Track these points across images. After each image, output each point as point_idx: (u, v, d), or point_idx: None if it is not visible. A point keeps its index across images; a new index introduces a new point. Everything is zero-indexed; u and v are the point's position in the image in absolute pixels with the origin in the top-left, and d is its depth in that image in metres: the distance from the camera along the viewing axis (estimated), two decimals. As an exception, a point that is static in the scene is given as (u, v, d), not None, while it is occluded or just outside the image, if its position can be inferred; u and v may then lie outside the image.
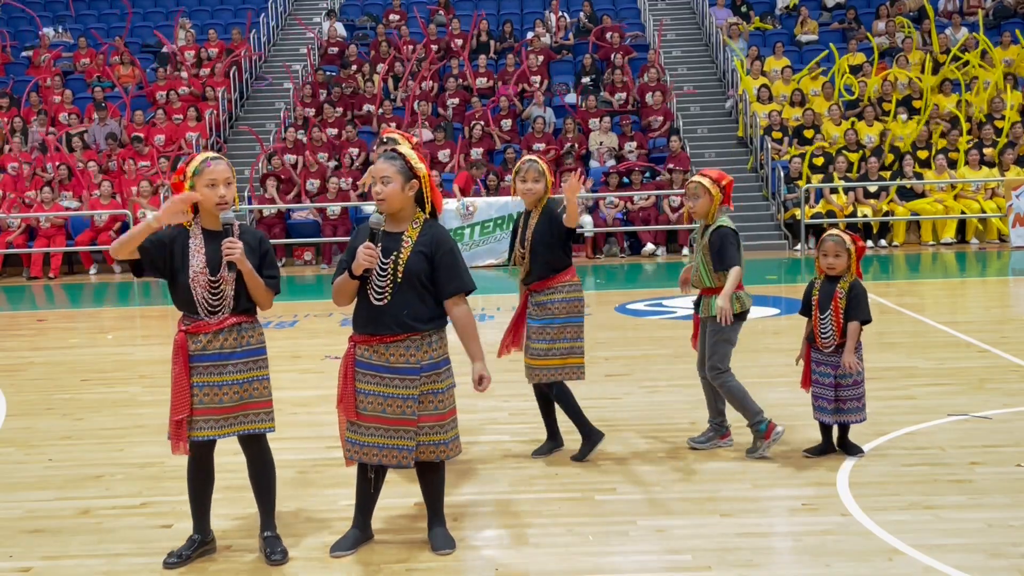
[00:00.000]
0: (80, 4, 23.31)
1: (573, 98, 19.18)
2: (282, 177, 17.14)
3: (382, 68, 19.63)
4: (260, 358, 4.33)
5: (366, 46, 21.03)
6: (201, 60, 20.34)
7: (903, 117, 17.68)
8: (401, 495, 5.11)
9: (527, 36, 20.76)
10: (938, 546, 4.31)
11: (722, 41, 20.30)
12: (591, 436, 5.70)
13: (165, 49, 20.79)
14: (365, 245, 4.17)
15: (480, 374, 4.29)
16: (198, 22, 22.10)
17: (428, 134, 17.88)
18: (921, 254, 15.69)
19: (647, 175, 17.21)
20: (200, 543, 4.42)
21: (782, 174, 16.67)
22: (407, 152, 4.31)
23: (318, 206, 16.79)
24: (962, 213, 16.48)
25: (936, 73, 18.61)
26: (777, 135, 17.61)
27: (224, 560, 4.41)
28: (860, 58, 19.39)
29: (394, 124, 17.96)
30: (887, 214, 16.50)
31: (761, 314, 10.35)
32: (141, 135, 18.17)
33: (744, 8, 21.60)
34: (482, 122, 18.13)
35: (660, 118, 18.26)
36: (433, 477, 4.46)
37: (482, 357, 4.31)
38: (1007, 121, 17.45)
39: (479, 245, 15.93)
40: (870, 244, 16.20)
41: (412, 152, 4.32)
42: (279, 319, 10.74)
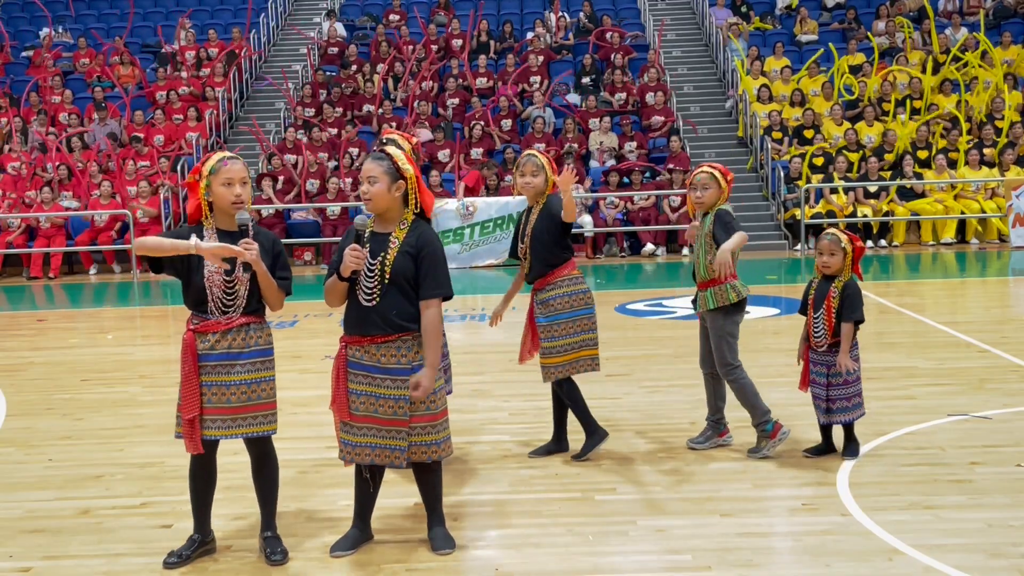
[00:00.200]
0: (80, 4, 23.31)
1: (575, 98, 19.17)
2: (280, 177, 17.15)
3: (382, 68, 19.62)
4: (268, 359, 4.33)
5: (366, 46, 21.03)
6: (201, 60, 20.34)
7: (903, 117, 17.68)
8: (400, 495, 5.11)
9: (527, 36, 20.76)
10: (938, 546, 4.31)
11: (722, 41, 20.30)
12: (595, 434, 5.69)
13: (165, 49, 20.79)
14: (351, 247, 4.20)
15: (418, 380, 4.18)
16: (198, 22, 22.09)
17: (428, 134, 17.89)
18: (921, 254, 15.69)
19: (647, 175, 17.21)
20: (200, 543, 4.42)
21: (782, 174, 16.67)
22: (395, 153, 4.31)
23: (318, 206, 16.79)
24: (962, 213, 16.48)
25: (936, 73, 18.61)
26: (777, 135, 17.61)
27: (224, 560, 4.42)
28: (860, 58, 19.39)
29: (394, 124, 17.97)
30: (887, 214, 16.49)
31: (761, 314, 10.35)
32: (141, 135, 18.17)
33: (744, 8, 21.60)
34: (482, 122, 18.13)
35: (661, 118, 18.26)
36: (429, 477, 4.46)
37: (434, 367, 4.22)
38: (1007, 121, 17.44)
39: (479, 245, 15.91)
40: (870, 244, 16.20)
41: (401, 153, 4.32)
42: (279, 319, 10.73)
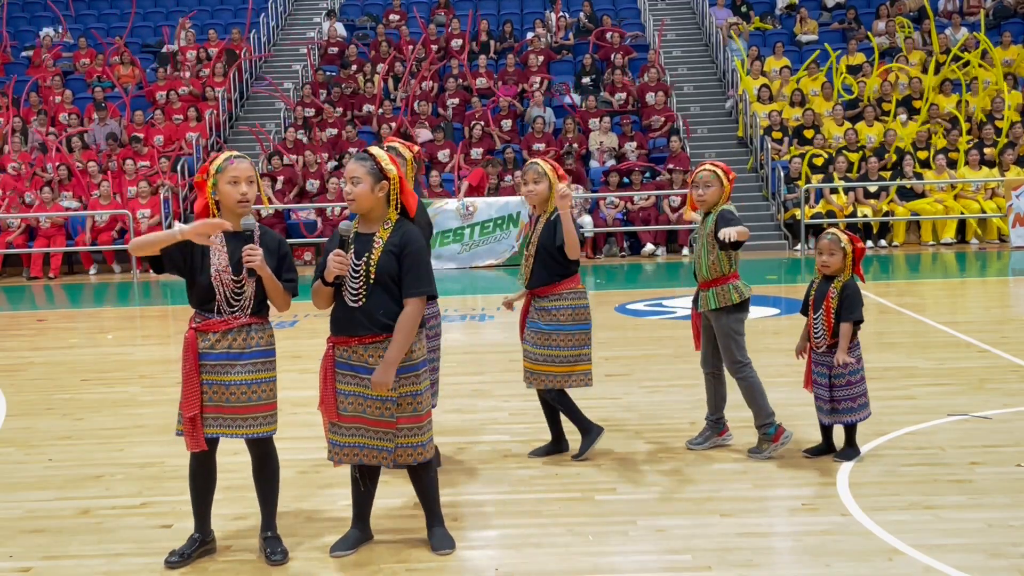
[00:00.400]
0: (80, 4, 23.31)
1: (576, 98, 19.17)
2: (280, 177, 17.14)
3: (382, 68, 19.62)
4: (269, 360, 4.33)
5: (366, 46, 21.03)
6: (201, 60, 20.34)
7: (903, 117, 17.68)
8: (400, 495, 5.11)
9: (527, 36, 20.76)
10: (938, 546, 4.31)
11: (722, 41, 20.30)
12: (590, 431, 5.70)
13: (165, 49, 20.78)
14: (335, 252, 4.23)
15: (376, 378, 4.17)
16: (198, 22, 22.09)
17: (428, 134, 17.88)
18: (921, 254, 15.68)
19: (647, 175, 17.21)
20: (201, 542, 4.43)
21: (782, 174, 16.66)
22: (378, 153, 4.32)
23: (318, 206, 16.79)
24: (962, 213, 16.48)
25: (936, 73, 18.61)
26: (777, 135, 17.61)
27: (224, 560, 4.42)
28: (860, 58, 19.39)
29: (394, 124, 17.97)
30: (887, 214, 16.49)
31: (761, 314, 10.35)
32: (141, 135, 18.17)
33: (744, 8, 21.60)
34: (482, 122, 18.13)
35: (661, 118, 18.26)
36: (423, 479, 4.46)
37: (391, 363, 4.18)
38: (1007, 121, 17.45)
39: (479, 245, 15.90)
40: (870, 244, 16.20)
41: (385, 153, 4.33)
42: (279, 319, 10.73)
